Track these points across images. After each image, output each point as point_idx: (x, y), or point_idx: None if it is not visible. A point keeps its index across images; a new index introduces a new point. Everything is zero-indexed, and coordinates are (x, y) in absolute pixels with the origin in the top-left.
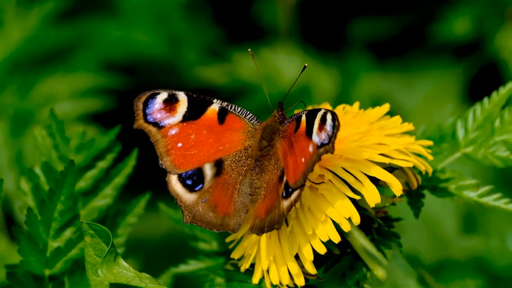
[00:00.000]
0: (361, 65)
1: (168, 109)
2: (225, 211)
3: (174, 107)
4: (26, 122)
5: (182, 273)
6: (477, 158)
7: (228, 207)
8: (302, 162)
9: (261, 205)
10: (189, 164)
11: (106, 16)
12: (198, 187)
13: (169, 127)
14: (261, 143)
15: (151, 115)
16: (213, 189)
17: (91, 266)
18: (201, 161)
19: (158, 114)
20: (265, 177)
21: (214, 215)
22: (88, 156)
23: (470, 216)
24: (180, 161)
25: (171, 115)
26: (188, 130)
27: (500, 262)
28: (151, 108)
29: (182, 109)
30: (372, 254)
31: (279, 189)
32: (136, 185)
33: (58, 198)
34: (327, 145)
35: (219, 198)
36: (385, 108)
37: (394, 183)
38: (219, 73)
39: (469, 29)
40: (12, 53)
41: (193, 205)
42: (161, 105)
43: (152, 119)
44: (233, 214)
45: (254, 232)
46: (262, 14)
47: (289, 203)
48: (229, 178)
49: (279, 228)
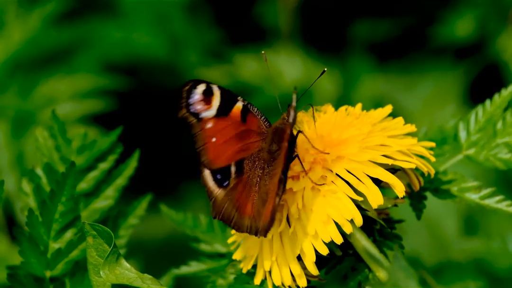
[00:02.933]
0: (363, 66)
1: (205, 101)
2: (249, 213)
3: (210, 100)
4: (27, 123)
5: (184, 274)
6: (479, 160)
7: (251, 209)
8: None
9: (267, 208)
10: (222, 160)
11: (107, 17)
12: (225, 183)
13: (207, 120)
14: (271, 147)
15: (193, 105)
16: (236, 188)
17: (93, 267)
18: (230, 159)
19: (198, 105)
20: (274, 180)
21: (238, 215)
22: (89, 157)
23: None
24: (215, 156)
25: (208, 108)
26: (221, 125)
27: (501, 264)
28: (192, 98)
29: (216, 103)
30: (374, 256)
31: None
32: (138, 187)
33: (59, 199)
34: None
35: (241, 198)
36: (388, 109)
37: (397, 184)
38: (220, 74)
39: (470, 31)
40: (13, 54)
41: (221, 201)
42: (200, 96)
43: (194, 110)
44: (254, 216)
45: (262, 235)
46: (263, 15)
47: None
48: (248, 179)
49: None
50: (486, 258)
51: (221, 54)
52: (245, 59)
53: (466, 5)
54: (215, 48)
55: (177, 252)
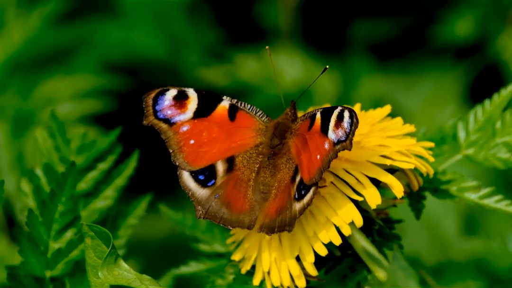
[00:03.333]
0: (362, 66)
1: (178, 105)
2: (240, 208)
3: (184, 104)
4: (27, 123)
5: (183, 274)
6: (478, 160)
7: (243, 204)
8: (317, 159)
9: (272, 204)
10: (202, 161)
11: (107, 17)
12: (210, 183)
13: (181, 124)
14: (272, 141)
15: (161, 111)
16: (226, 185)
17: (92, 268)
18: (214, 159)
19: (169, 110)
20: (277, 175)
21: (227, 211)
22: (89, 157)
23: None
24: (193, 158)
25: (181, 112)
26: (199, 127)
27: (501, 264)
28: (161, 105)
29: (192, 105)
30: (373, 256)
31: (291, 190)
32: (137, 187)
33: (59, 200)
34: (344, 142)
35: (232, 195)
36: (387, 109)
37: (395, 185)
38: (220, 74)
39: (470, 31)
40: (13, 54)
41: (206, 201)
42: (171, 101)
43: (162, 116)
44: (248, 211)
45: (263, 231)
46: (263, 15)
47: (302, 206)
48: (242, 175)
49: (290, 230)
50: (486, 258)
51: (221, 54)
52: (245, 59)
53: (466, 5)
54: (215, 48)
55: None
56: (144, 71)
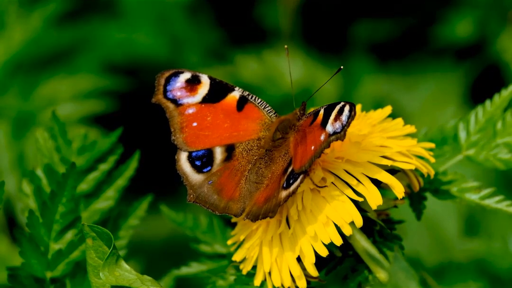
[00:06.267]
0: (363, 67)
1: (189, 88)
2: (230, 196)
3: (195, 88)
4: (28, 124)
5: (184, 275)
6: (479, 160)
7: (234, 192)
8: (311, 150)
9: (262, 194)
10: (201, 143)
11: (108, 18)
12: (206, 169)
13: (187, 106)
14: (275, 135)
15: (171, 91)
16: (221, 172)
17: (93, 269)
18: (213, 143)
19: (179, 92)
20: (272, 167)
21: (218, 198)
22: (90, 158)
23: (472, 218)
24: (193, 140)
25: (191, 95)
26: (205, 111)
27: (502, 264)
28: (172, 85)
29: (203, 90)
30: (374, 257)
31: (281, 180)
32: (138, 187)
33: (60, 200)
34: (339, 133)
35: (226, 182)
36: (387, 110)
37: (396, 185)
38: (221, 75)
39: (471, 31)
40: (14, 55)
41: (199, 186)
42: (182, 83)
43: (171, 96)
44: (237, 199)
45: (249, 218)
46: (264, 16)
47: (287, 193)
48: (238, 165)
49: (273, 216)
50: (487, 258)
51: (222, 55)
52: (246, 60)
53: (467, 5)
54: (216, 49)
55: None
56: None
